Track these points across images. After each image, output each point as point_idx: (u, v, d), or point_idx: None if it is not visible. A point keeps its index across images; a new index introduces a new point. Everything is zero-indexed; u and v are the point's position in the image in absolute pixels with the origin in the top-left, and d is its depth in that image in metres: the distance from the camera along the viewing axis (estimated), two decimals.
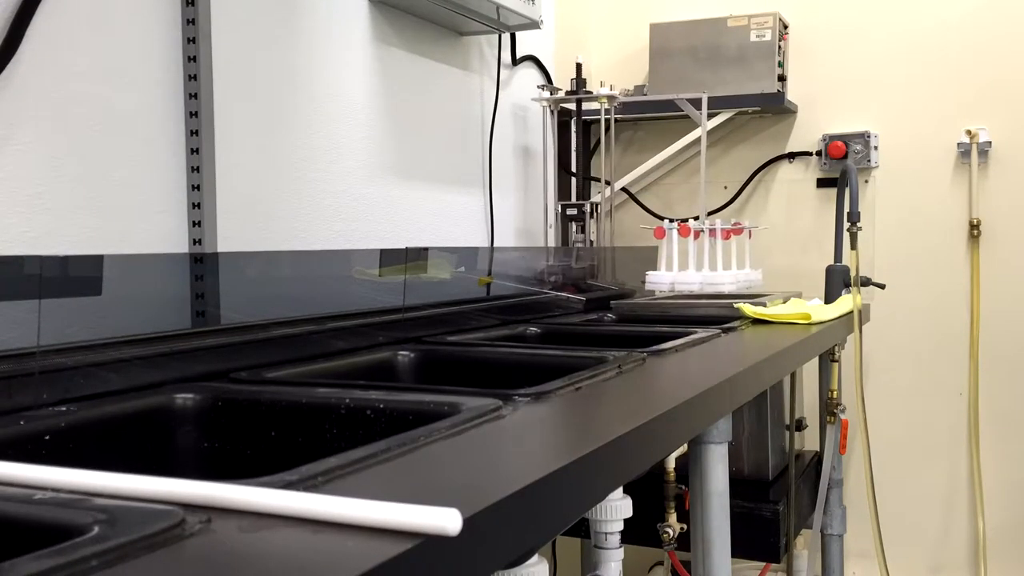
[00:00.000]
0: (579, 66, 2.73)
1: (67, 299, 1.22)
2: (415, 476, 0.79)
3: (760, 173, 3.06)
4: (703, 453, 1.47)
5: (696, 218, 3.11)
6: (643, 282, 2.62)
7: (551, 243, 2.72)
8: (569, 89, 2.73)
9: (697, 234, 2.58)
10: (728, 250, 2.63)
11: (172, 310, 1.47)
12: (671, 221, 2.58)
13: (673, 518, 1.84)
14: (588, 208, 2.66)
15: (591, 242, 2.70)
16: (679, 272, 2.55)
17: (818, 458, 2.54)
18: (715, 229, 2.60)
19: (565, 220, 2.71)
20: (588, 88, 2.74)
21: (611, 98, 2.72)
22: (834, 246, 2.63)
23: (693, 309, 2.29)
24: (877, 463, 2.52)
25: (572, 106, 3.10)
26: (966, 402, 2.85)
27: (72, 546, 0.57)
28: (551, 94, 2.73)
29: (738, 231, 2.68)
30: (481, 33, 2.45)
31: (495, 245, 2.56)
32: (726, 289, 2.50)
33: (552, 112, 2.78)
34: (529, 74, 2.83)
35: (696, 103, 2.85)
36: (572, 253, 2.63)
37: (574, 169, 3.12)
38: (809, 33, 2.98)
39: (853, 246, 2.35)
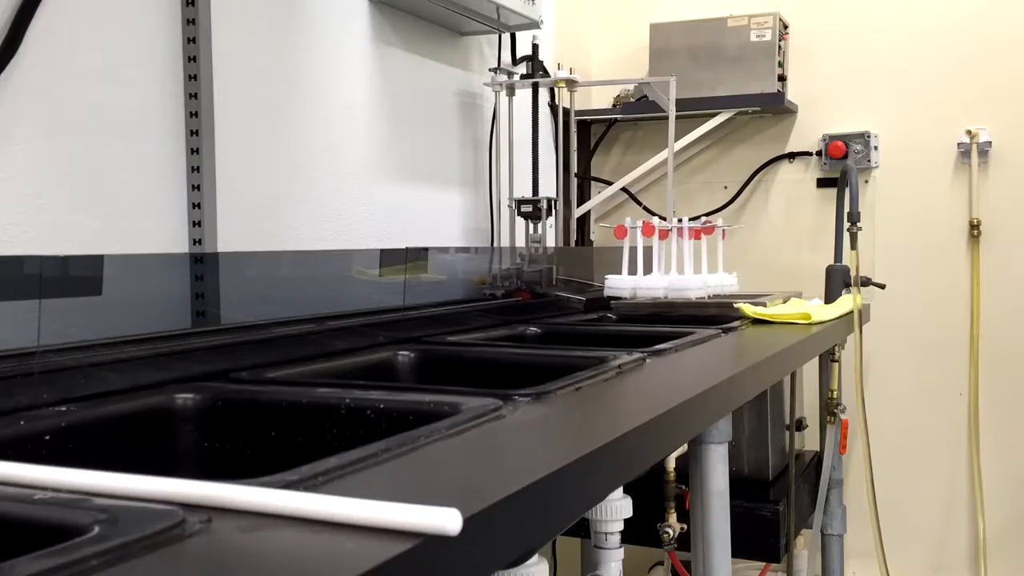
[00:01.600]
0: (535, 47, 2.50)
1: (67, 299, 1.22)
2: (415, 476, 0.79)
3: (760, 173, 3.06)
4: (703, 453, 1.47)
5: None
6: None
7: (503, 242, 2.45)
8: (524, 73, 2.50)
9: (664, 234, 2.31)
10: (699, 252, 2.38)
11: (172, 310, 1.47)
12: (644, 211, 2.53)
13: (673, 518, 1.84)
14: (544, 204, 2.37)
15: (535, 244, 2.40)
16: (643, 276, 2.29)
17: (818, 458, 2.54)
18: (683, 228, 2.34)
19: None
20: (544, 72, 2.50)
21: (570, 82, 2.48)
22: (834, 246, 2.63)
23: (693, 309, 2.29)
24: (877, 463, 2.52)
25: (569, 103, 3.09)
26: (966, 402, 2.85)
27: (72, 546, 0.57)
28: (508, 77, 2.47)
29: (709, 230, 2.41)
30: (481, 33, 2.45)
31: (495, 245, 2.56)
32: (693, 295, 2.24)
33: (512, 96, 2.49)
34: None
35: (692, 103, 2.85)
36: (523, 255, 2.38)
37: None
38: (809, 33, 2.98)
39: (853, 246, 2.35)
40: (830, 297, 2.51)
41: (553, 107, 2.97)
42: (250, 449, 1.19)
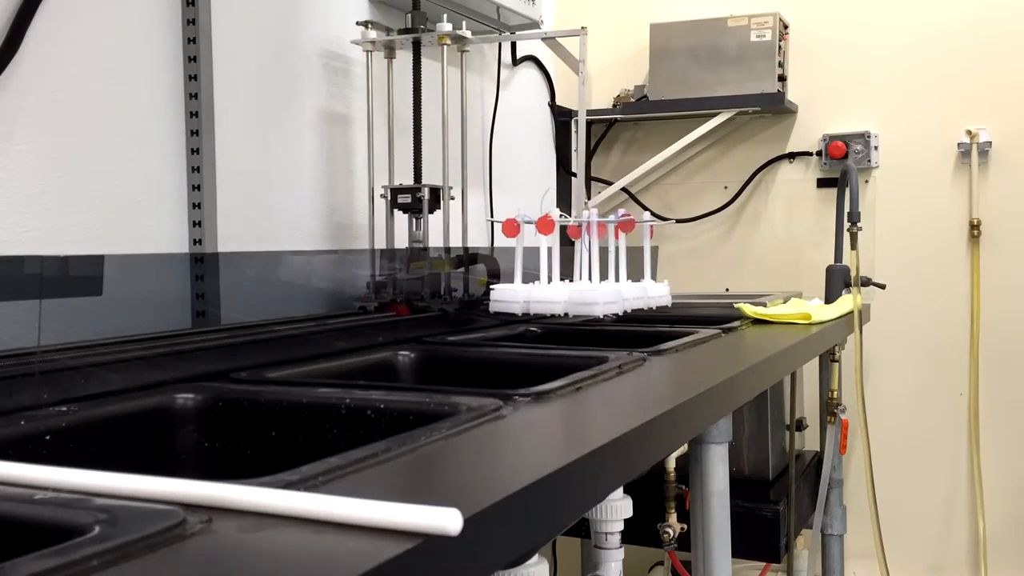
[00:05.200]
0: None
1: (67, 299, 1.22)
2: (415, 476, 0.79)
3: (760, 173, 3.06)
4: (703, 453, 1.47)
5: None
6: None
7: (377, 242, 1.97)
8: (404, 27, 1.97)
9: (575, 232, 1.85)
10: (616, 255, 1.92)
11: (172, 310, 1.48)
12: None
13: (673, 518, 1.84)
14: (425, 195, 1.89)
15: (416, 245, 1.94)
16: (540, 286, 1.80)
17: (818, 458, 2.54)
18: (590, 223, 1.82)
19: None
20: (431, 27, 1.95)
21: (459, 38, 1.95)
22: (834, 246, 2.63)
23: (693, 309, 2.29)
24: (877, 463, 2.52)
25: (574, 106, 3.09)
26: (966, 402, 2.85)
27: (73, 546, 0.57)
28: (387, 33, 1.96)
29: (628, 226, 1.87)
30: (481, 33, 2.45)
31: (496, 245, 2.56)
32: (599, 312, 1.75)
33: (387, 58, 2.00)
34: (529, 75, 2.83)
35: (692, 103, 2.84)
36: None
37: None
38: (809, 33, 2.98)
39: (853, 246, 2.35)
40: (830, 297, 2.51)
41: (553, 106, 2.97)
42: (250, 449, 1.19)
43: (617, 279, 1.92)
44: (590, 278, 1.86)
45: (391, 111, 2.00)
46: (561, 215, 1.83)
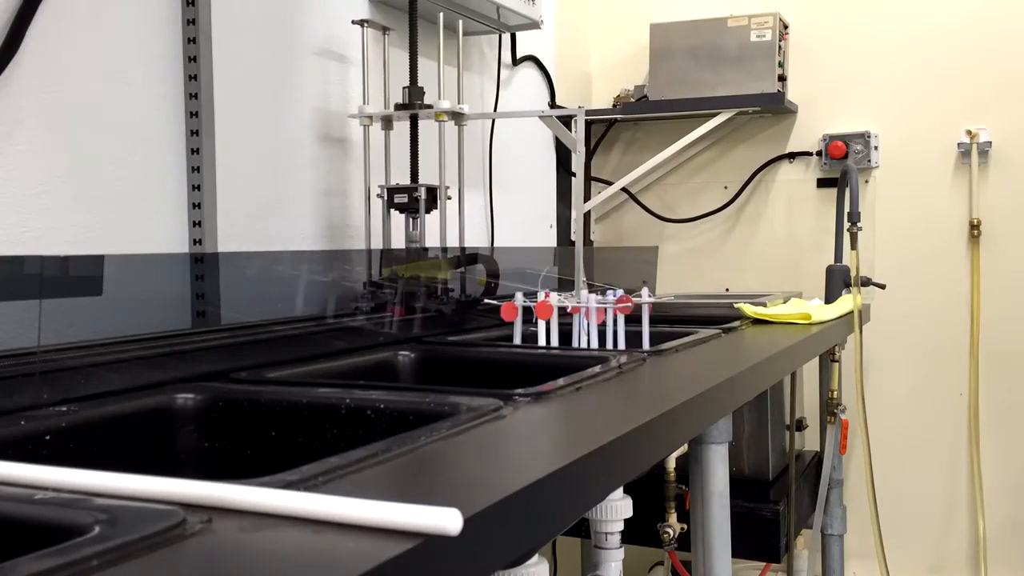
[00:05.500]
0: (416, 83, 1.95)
1: (67, 299, 1.22)
2: (415, 476, 0.79)
3: (760, 173, 3.06)
4: (703, 453, 1.47)
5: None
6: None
7: (374, 242, 1.93)
8: (400, 102, 1.95)
9: (574, 309, 1.80)
10: (614, 332, 1.85)
11: (172, 310, 1.48)
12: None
13: (673, 518, 1.84)
14: (422, 194, 1.87)
15: (412, 245, 1.90)
16: None
17: (818, 458, 2.54)
18: (589, 308, 1.76)
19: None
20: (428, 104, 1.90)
21: (456, 115, 1.94)
22: (834, 246, 2.63)
23: (693, 309, 2.29)
24: (877, 463, 2.52)
25: (574, 106, 3.09)
26: (966, 402, 2.85)
27: (73, 546, 0.57)
28: (384, 33, 1.94)
29: (626, 307, 1.83)
30: (481, 33, 2.45)
31: (495, 245, 2.56)
32: None
33: (384, 30, 1.97)
34: (529, 74, 2.83)
35: (692, 103, 2.84)
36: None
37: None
38: (809, 33, 2.98)
39: (853, 246, 2.35)
40: (830, 297, 2.51)
41: (553, 106, 2.97)
42: (250, 449, 1.19)
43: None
44: None
45: (387, 166, 2.00)
46: (560, 296, 1.80)
